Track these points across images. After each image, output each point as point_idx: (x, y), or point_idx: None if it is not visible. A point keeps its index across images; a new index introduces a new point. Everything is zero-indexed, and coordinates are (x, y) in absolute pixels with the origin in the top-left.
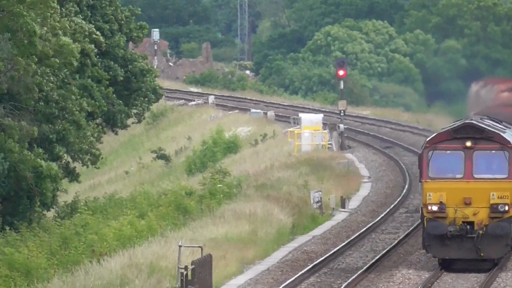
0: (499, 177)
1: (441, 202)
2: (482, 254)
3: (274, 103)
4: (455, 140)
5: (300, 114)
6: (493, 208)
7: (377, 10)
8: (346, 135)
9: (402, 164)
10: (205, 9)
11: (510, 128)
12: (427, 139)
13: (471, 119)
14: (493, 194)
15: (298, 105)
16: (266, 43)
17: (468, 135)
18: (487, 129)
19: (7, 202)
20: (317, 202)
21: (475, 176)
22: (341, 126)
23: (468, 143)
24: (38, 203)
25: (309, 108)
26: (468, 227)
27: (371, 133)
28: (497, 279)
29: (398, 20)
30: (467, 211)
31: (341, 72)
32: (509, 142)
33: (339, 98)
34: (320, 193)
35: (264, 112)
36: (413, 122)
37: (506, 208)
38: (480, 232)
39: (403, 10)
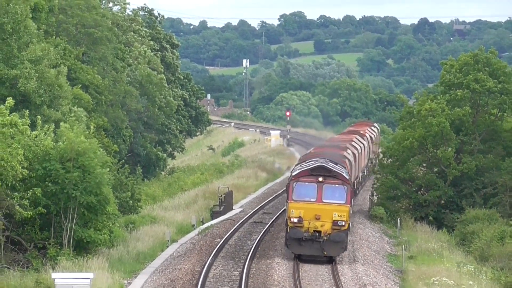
0: (340, 202)
1: (300, 216)
2: (325, 253)
3: (259, 126)
4: (312, 176)
5: (271, 131)
6: (335, 223)
7: (303, 85)
8: (290, 139)
9: None
10: (230, 85)
11: (343, 167)
12: (292, 174)
13: (322, 163)
14: (335, 214)
15: (269, 127)
16: (256, 100)
17: (320, 173)
18: (333, 169)
19: (144, 168)
20: (278, 167)
21: (324, 200)
22: (288, 136)
23: (320, 179)
24: (157, 168)
25: (274, 128)
26: (317, 234)
27: (300, 139)
28: (338, 267)
29: (312, 90)
30: (317, 223)
31: (288, 113)
32: (348, 179)
33: (287, 123)
34: (279, 164)
35: (255, 130)
36: (317, 135)
37: (343, 223)
38: (325, 238)
39: (314, 86)
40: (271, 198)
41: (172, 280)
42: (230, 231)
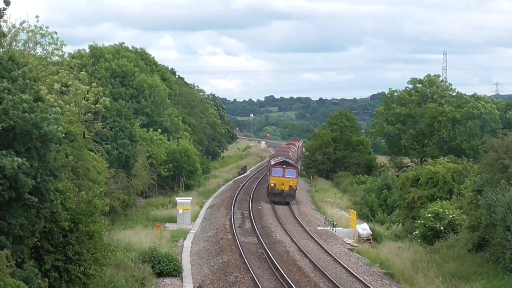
0: (293, 177)
1: (274, 183)
2: (286, 200)
3: (257, 139)
4: (280, 164)
5: (261, 141)
6: (290, 187)
7: (274, 124)
8: (269, 145)
9: None
10: (245, 123)
11: (292, 160)
12: (271, 164)
13: (284, 159)
14: (290, 182)
15: (260, 140)
16: (255, 129)
17: (284, 164)
18: (289, 162)
19: (212, 156)
20: (264, 156)
21: (285, 176)
22: (268, 143)
23: (284, 166)
24: (217, 156)
25: (262, 140)
26: (282, 191)
27: (273, 145)
28: (292, 207)
29: (278, 126)
30: (282, 187)
31: (268, 135)
32: (296, 166)
33: (267, 139)
34: (265, 154)
35: (255, 141)
36: (279, 144)
37: (294, 187)
38: (285, 193)
39: (278, 124)
40: (261, 169)
41: (222, 200)
42: (245, 181)
